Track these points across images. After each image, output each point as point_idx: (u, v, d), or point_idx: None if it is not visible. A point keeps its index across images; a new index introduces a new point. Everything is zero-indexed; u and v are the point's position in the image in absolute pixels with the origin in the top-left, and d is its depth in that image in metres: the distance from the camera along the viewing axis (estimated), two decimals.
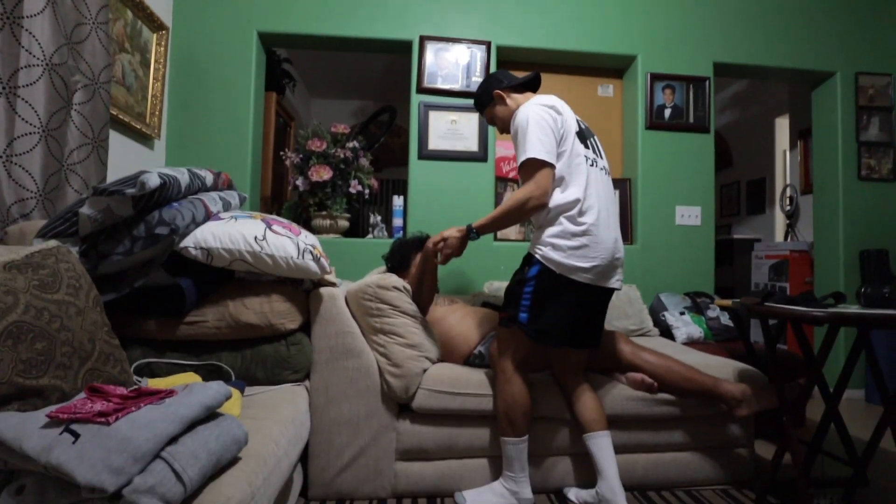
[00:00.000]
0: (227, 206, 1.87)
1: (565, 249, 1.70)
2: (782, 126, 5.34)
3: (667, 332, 2.85)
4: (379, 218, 3.29)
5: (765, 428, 2.60)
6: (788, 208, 5.00)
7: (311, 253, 1.72)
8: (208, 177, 1.82)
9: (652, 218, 3.34)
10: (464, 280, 3.09)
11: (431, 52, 3.20)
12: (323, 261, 1.77)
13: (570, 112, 1.85)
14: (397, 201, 3.22)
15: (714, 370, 2.02)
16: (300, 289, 1.88)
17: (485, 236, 2.32)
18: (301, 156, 3.01)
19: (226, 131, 3.06)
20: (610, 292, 1.83)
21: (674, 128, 3.39)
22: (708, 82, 3.44)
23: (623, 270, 1.84)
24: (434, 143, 3.19)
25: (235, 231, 1.64)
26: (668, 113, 3.39)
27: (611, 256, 1.73)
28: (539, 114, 1.74)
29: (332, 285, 1.95)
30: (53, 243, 1.30)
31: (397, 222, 3.20)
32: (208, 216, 1.69)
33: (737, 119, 5.98)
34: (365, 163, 3.13)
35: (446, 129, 3.20)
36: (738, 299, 1.99)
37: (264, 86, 3.38)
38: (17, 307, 1.05)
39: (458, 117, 3.21)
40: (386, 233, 3.27)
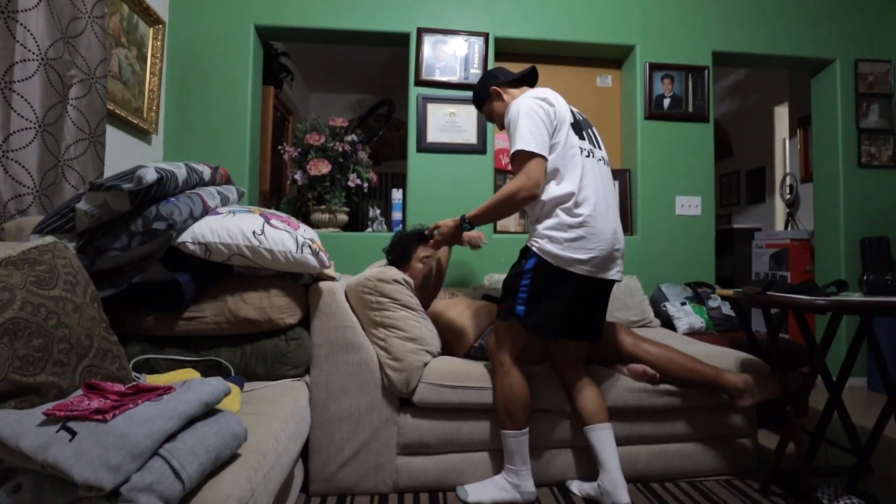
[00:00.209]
0: (225, 201, 1.86)
1: (562, 241, 1.68)
2: (781, 115, 5.32)
3: (668, 322, 2.85)
4: (378, 211, 3.28)
5: (767, 418, 2.60)
6: (788, 197, 4.98)
7: (309, 247, 1.71)
8: (206, 171, 1.81)
9: (652, 208, 3.33)
10: (464, 273, 3.08)
11: (429, 44, 3.19)
12: (322, 255, 1.76)
13: (564, 103, 1.84)
14: (396, 195, 3.21)
15: (716, 360, 2.01)
16: (299, 283, 1.87)
17: (485, 229, 2.30)
18: (299, 150, 3.00)
19: (224, 126, 3.05)
20: (610, 284, 1.81)
21: (673, 118, 3.37)
22: (707, 71, 3.41)
23: (623, 261, 1.82)
24: (433, 136, 3.17)
25: (233, 226, 1.63)
26: (667, 103, 3.37)
27: (609, 247, 1.72)
28: (530, 105, 1.73)
29: (332, 279, 1.93)
30: (50, 239, 1.29)
31: (396, 216, 3.19)
32: (206, 211, 1.68)
33: (736, 108, 5.96)
34: (364, 156, 3.12)
35: (445, 122, 3.18)
36: (739, 289, 1.98)
37: (262, 80, 3.36)
38: (13, 304, 1.05)
39: (457, 109, 3.20)
40: (385, 226, 3.26)
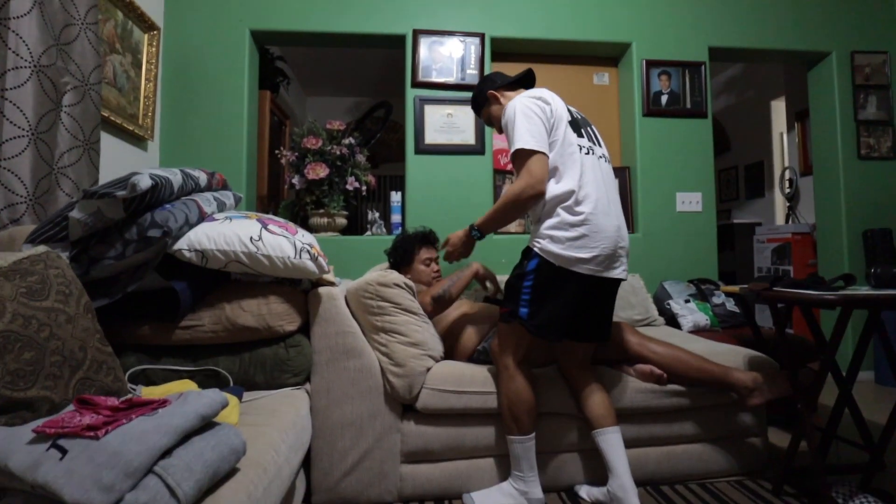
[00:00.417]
0: (221, 207, 1.83)
1: (564, 241, 1.65)
2: (778, 108, 5.30)
3: (672, 320, 2.82)
4: (377, 215, 3.25)
5: (776, 416, 2.57)
6: (788, 191, 4.96)
7: (308, 252, 1.68)
8: (202, 177, 1.78)
9: (652, 205, 3.30)
10: None
11: (425, 45, 3.17)
12: (321, 260, 1.73)
13: (560, 102, 1.81)
14: (395, 197, 3.19)
15: (723, 358, 1.98)
16: (298, 289, 1.84)
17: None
18: (297, 154, 2.97)
19: (220, 131, 3.03)
20: (615, 283, 1.78)
21: (671, 114, 3.35)
22: (704, 67, 3.39)
23: (628, 259, 1.79)
24: (430, 137, 3.15)
25: (230, 232, 1.60)
26: (664, 99, 3.35)
27: (613, 245, 1.68)
28: (525, 104, 1.72)
29: (331, 284, 1.90)
30: (43, 249, 1.26)
31: (396, 218, 3.17)
32: (202, 217, 1.65)
33: (733, 103, 5.94)
34: (361, 159, 3.09)
35: (442, 123, 3.16)
36: (745, 285, 1.95)
37: (258, 84, 3.34)
38: (3, 316, 1.01)
39: (454, 110, 3.17)
40: (384, 229, 3.23)
